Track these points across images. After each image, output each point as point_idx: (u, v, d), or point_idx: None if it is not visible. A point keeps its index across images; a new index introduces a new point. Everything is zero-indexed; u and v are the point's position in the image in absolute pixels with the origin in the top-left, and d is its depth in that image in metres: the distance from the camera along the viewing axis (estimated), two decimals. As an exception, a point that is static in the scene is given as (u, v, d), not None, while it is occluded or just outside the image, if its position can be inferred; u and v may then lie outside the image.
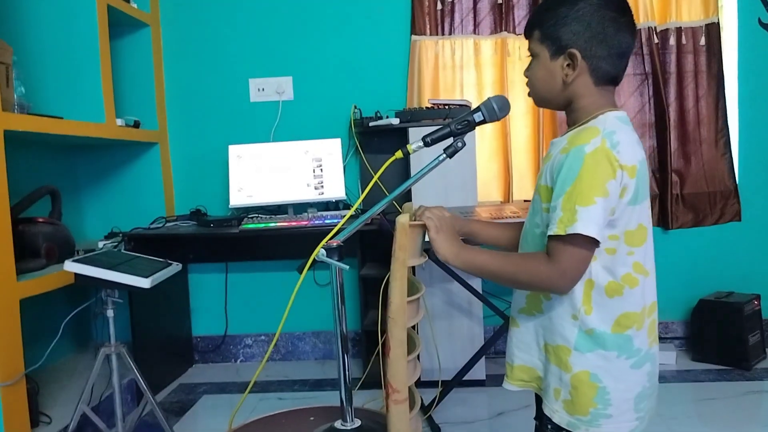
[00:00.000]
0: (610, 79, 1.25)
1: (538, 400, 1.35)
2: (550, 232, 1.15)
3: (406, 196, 3.02)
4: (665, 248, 3.40)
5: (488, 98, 1.36)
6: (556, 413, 1.25)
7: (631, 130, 1.23)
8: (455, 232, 1.31)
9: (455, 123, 1.35)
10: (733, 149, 3.35)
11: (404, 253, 1.19)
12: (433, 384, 2.84)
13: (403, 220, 1.20)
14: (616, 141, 1.15)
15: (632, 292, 1.21)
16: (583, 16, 1.21)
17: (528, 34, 1.31)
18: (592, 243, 1.14)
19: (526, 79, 1.33)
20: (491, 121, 1.36)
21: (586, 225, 1.11)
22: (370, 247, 3.12)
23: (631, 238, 1.20)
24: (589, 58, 1.22)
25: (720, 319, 3.12)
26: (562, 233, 1.13)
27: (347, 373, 1.38)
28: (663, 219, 3.38)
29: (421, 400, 2.71)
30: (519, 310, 1.34)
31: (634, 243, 1.21)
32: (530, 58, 1.31)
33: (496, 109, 1.34)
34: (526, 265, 1.22)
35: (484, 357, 2.88)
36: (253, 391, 3.10)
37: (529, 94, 1.34)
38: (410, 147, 1.35)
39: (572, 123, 1.28)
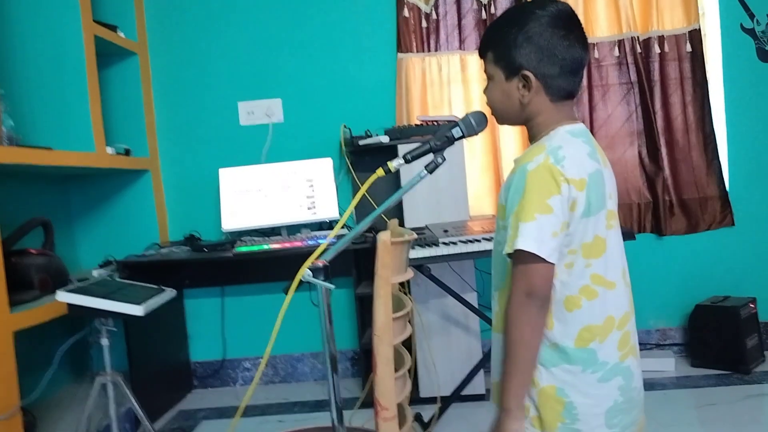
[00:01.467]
0: (566, 95, 1.27)
1: None
2: (504, 251, 1.18)
3: (399, 212, 3.04)
4: (659, 255, 3.41)
5: (466, 114, 1.38)
6: (526, 430, 1.23)
7: (582, 142, 1.25)
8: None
9: (435, 140, 1.37)
10: (722, 154, 3.36)
11: (387, 271, 1.20)
12: (432, 400, 2.83)
13: (384, 237, 1.21)
14: (561, 156, 1.18)
15: (591, 304, 1.21)
16: (533, 37, 1.23)
17: (482, 55, 1.33)
18: (539, 258, 1.14)
19: (486, 99, 1.35)
20: (470, 135, 1.38)
21: (526, 240, 1.14)
22: (366, 264, 3.12)
23: (588, 251, 1.21)
24: (542, 78, 1.24)
25: (717, 323, 3.11)
26: (509, 251, 1.16)
27: (337, 393, 1.38)
28: (656, 226, 3.39)
29: (421, 416, 2.72)
30: (493, 327, 1.35)
31: (592, 255, 1.21)
32: (487, 78, 1.33)
33: (474, 124, 1.36)
34: (512, 325, 1.19)
35: (482, 371, 2.88)
36: (253, 414, 3.09)
37: (491, 113, 1.37)
38: (391, 165, 1.37)
39: (532, 138, 1.31)
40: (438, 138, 1.37)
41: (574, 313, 1.20)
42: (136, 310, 2.15)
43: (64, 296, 2.11)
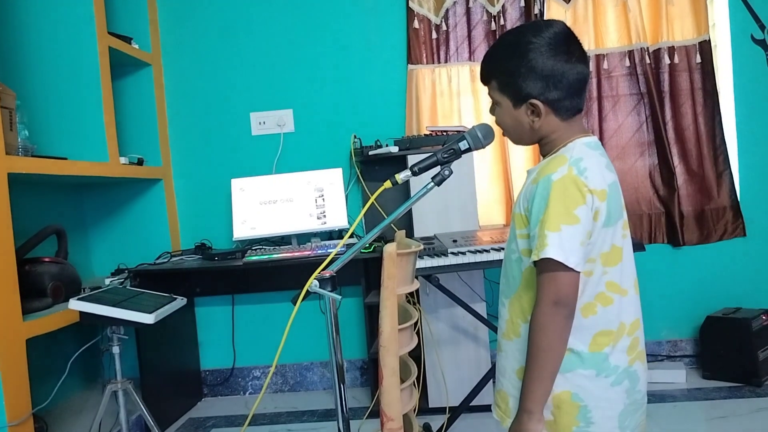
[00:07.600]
0: (575, 112, 1.29)
1: None
2: (531, 259, 1.19)
3: (408, 222, 3.05)
4: (670, 266, 3.39)
5: (473, 126, 1.40)
6: None
7: (600, 154, 1.27)
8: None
9: (442, 152, 1.39)
10: (733, 165, 3.35)
11: (393, 282, 1.21)
12: (441, 410, 2.83)
13: (390, 249, 1.22)
14: (583, 167, 1.20)
15: (606, 310, 1.23)
16: (537, 66, 1.23)
17: (485, 82, 1.34)
18: (566, 267, 1.15)
19: (495, 120, 1.36)
20: (476, 148, 1.40)
21: (554, 249, 1.14)
22: (375, 273, 3.13)
23: (606, 259, 1.23)
24: (550, 103, 1.25)
25: (728, 335, 3.09)
26: (536, 258, 1.17)
27: (344, 403, 1.39)
28: (671, 237, 3.37)
29: (430, 427, 2.72)
30: (501, 335, 1.35)
31: (609, 263, 1.24)
32: (493, 103, 1.35)
33: (481, 137, 1.38)
34: (539, 332, 1.19)
35: (491, 381, 2.87)
36: (262, 423, 3.10)
37: (503, 134, 1.38)
38: (398, 176, 1.39)
39: (546, 153, 1.32)
40: (445, 151, 1.38)
41: (590, 319, 1.23)
42: (147, 318, 2.17)
43: (76, 304, 2.14)
